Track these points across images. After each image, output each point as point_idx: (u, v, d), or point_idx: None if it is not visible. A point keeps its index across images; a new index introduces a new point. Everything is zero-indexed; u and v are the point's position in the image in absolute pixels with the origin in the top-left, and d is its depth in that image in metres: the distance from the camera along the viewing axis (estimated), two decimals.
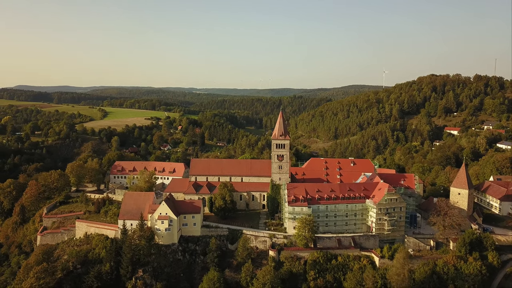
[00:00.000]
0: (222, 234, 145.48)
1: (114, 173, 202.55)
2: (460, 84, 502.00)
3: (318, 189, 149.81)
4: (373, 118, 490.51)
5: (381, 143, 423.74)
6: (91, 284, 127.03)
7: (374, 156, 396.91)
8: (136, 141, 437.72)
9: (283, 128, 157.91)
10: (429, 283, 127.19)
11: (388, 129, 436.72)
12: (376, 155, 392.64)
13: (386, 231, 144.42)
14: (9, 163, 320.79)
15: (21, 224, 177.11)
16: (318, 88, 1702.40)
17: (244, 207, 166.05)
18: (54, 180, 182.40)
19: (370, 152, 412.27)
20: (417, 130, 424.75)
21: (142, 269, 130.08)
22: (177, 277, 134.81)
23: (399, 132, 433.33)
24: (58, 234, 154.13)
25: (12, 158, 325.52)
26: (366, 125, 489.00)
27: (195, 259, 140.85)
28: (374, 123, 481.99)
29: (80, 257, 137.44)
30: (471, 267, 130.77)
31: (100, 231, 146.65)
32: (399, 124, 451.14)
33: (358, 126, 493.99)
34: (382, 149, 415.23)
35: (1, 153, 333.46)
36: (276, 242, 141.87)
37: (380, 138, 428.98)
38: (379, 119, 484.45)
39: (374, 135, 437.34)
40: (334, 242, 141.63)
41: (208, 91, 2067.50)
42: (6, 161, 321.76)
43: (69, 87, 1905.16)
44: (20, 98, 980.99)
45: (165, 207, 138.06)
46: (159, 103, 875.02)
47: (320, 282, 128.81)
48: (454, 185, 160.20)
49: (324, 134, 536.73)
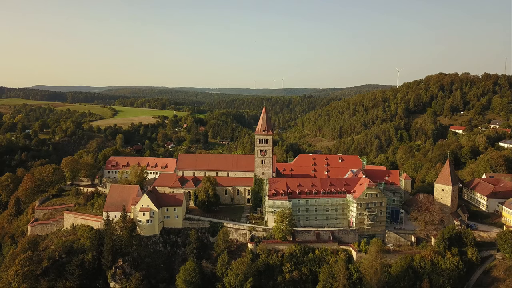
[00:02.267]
0: (203, 226, 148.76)
1: (108, 168, 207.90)
2: (468, 83, 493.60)
3: (300, 183, 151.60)
4: (378, 117, 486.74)
5: (384, 142, 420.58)
6: (73, 272, 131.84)
7: (377, 155, 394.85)
8: (141, 139, 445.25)
9: (266, 123, 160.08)
10: (404, 277, 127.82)
11: (392, 127, 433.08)
12: (379, 154, 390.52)
13: (366, 226, 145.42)
14: (16, 159, 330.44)
15: (16, 216, 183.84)
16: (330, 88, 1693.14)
17: (229, 201, 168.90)
18: (49, 174, 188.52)
19: (373, 151, 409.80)
20: (421, 129, 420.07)
21: (122, 259, 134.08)
22: (157, 267, 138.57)
23: (403, 131, 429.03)
24: (48, 225, 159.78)
25: (19, 154, 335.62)
26: (371, 124, 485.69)
27: (176, 251, 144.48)
28: (379, 122, 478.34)
29: (66, 247, 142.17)
30: (448, 262, 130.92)
31: (86, 222, 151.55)
32: (403, 123, 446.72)
33: (363, 125, 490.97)
34: (385, 148, 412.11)
35: (9, 150, 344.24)
36: (255, 235, 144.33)
37: (384, 137, 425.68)
38: (384, 118, 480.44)
39: (378, 133, 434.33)
40: (313, 235, 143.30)
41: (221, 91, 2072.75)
42: (13, 157, 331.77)
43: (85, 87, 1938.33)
44: (36, 98, 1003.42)
45: (147, 199, 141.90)
46: (169, 103, 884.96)
47: (295, 275, 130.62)
48: (438, 182, 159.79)
49: (329, 133, 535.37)
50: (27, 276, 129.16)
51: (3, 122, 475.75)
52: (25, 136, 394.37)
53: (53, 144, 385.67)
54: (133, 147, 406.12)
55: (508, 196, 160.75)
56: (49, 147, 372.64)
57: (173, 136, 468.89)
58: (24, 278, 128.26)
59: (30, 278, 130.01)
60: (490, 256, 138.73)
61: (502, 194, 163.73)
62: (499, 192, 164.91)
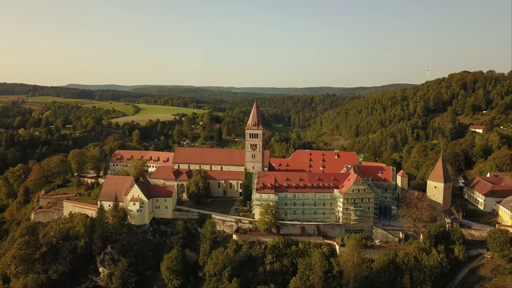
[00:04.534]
0: (192, 217, 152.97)
1: (113, 161, 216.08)
2: (492, 81, 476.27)
3: (288, 177, 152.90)
4: (396, 116, 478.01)
5: (399, 141, 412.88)
6: (65, 256, 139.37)
7: (391, 153, 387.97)
8: (158, 135, 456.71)
9: (256, 118, 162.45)
10: (385, 272, 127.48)
11: (408, 126, 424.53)
12: (393, 153, 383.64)
13: (353, 221, 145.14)
14: (37, 152, 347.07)
15: (24, 204, 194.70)
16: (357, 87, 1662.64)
17: (222, 195, 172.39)
18: (56, 165, 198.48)
19: (387, 150, 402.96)
20: (439, 128, 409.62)
21: (111, 246, 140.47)
22: (145, 255, 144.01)
23: (420, 130, 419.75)
24: (49, 213, 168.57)
25: (40, 148, 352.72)
26: (388, 122, 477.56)
27: (165, 240, 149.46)
28: (396, 120, 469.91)
29: (63, 233, 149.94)
30: (432, 259, 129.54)
31: (83, 210, 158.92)
32: (421, 122, 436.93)
33: (380, 123, 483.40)
34: (400, 147, 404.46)
35: (32, 144, 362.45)
36: (241, 226, 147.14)
37: (399, 135, 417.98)
38: (401, 117, 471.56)
39: (393, 132, 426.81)
40: (298, 229, 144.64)
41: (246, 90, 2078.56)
42: (35, 151, 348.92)
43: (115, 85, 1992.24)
44: (66, 96, 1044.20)
45: (137, 190, 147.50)
46: (191, 101, 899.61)
47: (276, 266, 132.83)
48: (430, 179, 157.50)
49: (346, 132, 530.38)
50: (24, 259, 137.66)
51: (30, 118, 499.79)
52: (47, 131, 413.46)
53: (73, 139, 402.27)
54: (149, 142, 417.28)
55: (506, 195, 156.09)
56: (69, 142, 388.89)
57: (189, 133, 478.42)
58: (21, 261, 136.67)
59: (27, 261, 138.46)
60: (479, 255, 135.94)
61: (500, 193, 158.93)
62: (497, 191, 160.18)
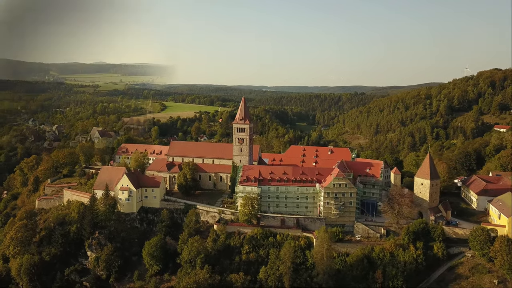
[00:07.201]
0: (179, 208, 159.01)
1: (119, 154, 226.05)
2: None
3: (272, 171, 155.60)
4: (417, 114, 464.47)
5: (418, 140, 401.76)
6: (57, 240, 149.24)
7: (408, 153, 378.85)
8: (177, 132, 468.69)
9: (243, 113, 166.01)
10: (358, 266, 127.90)
11: (428, 125, 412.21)
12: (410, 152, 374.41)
13: (333, 216, 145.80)
14: None
15: (33, 192, 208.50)
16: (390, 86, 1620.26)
17: (212, 187, 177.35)
18: (64, 157, 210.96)
19: (404, 149, 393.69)
20: (460, 128, 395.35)
21: (98, 231, 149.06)
22: (131, 241, 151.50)
23: (440, 129, 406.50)
24: (51, 200, 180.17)
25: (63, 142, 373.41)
26: (409, 121, 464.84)
27: (152, 228, 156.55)
28: (417, 119, 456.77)
29: (59, 219, 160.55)
30: (408, 255, 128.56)
31: (80, 198, 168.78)
32: (442, 121, 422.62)
33: (400, 122, 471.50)
34: (418, 147, 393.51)
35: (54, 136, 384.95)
36: (223, 217, 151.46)
37: (418, 135, 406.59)
38: (423, 116, 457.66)
39: (412, 131, 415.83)
40: (278, 221, 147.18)
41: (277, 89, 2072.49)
42: None
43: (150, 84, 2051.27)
44: None
45: (126, 179, 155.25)
46: (217, 99, 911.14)
47: (252, 256, 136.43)
48: (417, 175, 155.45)
49: (366, 130, 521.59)
50: (21, 241, 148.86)
51: None
52: None
53: None
54: (168, 138, 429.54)
55: (499, 194, 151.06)
56: None
57: (207, 130, 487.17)
58: (18, 243, 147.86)
59: (24, 243, 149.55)
60: (460, 253, 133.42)
61: (494, 192, 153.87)
62: (491, 189, 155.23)
